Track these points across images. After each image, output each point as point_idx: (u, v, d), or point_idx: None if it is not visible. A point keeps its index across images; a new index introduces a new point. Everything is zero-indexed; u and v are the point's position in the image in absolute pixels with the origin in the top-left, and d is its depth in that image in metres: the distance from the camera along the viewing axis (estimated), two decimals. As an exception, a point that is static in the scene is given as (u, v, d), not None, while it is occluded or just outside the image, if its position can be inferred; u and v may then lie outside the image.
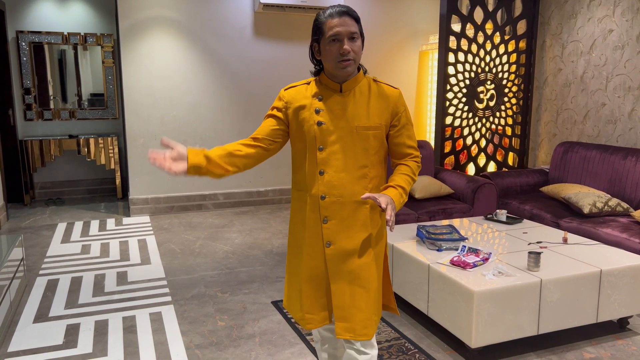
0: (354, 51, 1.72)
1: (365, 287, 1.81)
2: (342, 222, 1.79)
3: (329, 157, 1.76)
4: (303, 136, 1.79)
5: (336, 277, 1.81)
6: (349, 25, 1.69)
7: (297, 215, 1.88)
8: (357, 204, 1.79)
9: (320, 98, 1.78)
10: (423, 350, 2.70)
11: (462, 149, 5.28)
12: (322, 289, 1.85)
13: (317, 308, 1.86)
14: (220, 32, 5.65)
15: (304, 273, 1.85)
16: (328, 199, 1.78)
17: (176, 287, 3.60)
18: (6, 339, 2.85)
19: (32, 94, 6.14)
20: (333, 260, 1.81)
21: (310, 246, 1.83)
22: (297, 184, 1.87)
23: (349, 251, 1.80)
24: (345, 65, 1.71)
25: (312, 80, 1.84)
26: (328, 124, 1.76)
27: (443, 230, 3.19)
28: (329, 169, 1.77)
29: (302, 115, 1.78)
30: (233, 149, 1.77)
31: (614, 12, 4.50)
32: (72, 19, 6.22)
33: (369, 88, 1.81)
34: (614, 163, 4.10)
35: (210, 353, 2.69)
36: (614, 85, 4.54)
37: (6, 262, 3.06)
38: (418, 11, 6.42)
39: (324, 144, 1.76)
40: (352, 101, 1.78)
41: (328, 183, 1.77)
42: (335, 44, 1.70)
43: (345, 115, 1.76)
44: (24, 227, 5.14)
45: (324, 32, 1.71)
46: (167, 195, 5.69)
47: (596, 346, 2.75)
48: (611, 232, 3.47)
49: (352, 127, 1.76)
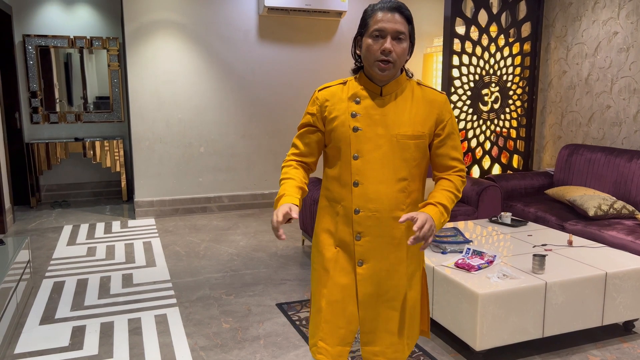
0: (397, 53, 1.53)
1: (399, 310, 1.66)
2: (376, 240, 1.62)
3: (364, 166, 1.59)
4: (337, 142, 1.62)
5: (367, 301, 1.65)
6: (397, 23, 1.52)
7: (325, 227, 1.69)
8: (394, 220, 1.61)
9: (358, 101, 1.60)
10: (427, 352, 2.70)
11: (466, 151, 5.28)
12: (344, 317, 1.66)
13: (334, 339, 1.66)
14: (225, 35, 5.67)
15: (329, 292, 1.66)
16: (362, 214, 1.60)
17: (181, 289, 3.62)
18: (13, 341, 2.87)
19: (38, 97, 6.18)
20: (364, 281, 1.64)
21: (339, 263, 1.65)
22: (328, 193, 1.69)
23: (383, 272, 1.64)
24: (383, 67, 1.54)
25: (349, 80, 1.66)
26: (365, 129, 1.58)
27: (447, 232, 3.19)
28: (364, 180, 1.59)
29: (337, 119, 1.61)
30: (301, 179, 1.64)
31: (619, 15, 4.50)
32: (78, 22, 6.26)
33: (412, 93, 1.63)
34: (619, 165, 4.09)
35: (215, 355, 2.70)
36: (619, 87, 4.53)
37: (13, 265, 3.08)
38: (422, 14, 6.43)
39: (359, 152, 1.59)
40: (392, 106, 1.60)
41: (363, 195, 1.60)
42: (378, 41, 1.53)
43: (385, 121, 1.58)
44: (30, 229, 5.17)
45: (369, 25, 1.55)
46: (172, 197, 5.71)
47: (601, 349, 2.74)
48: (616, 234, 3.46)
49: (392, 134, 1.58)
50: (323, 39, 6.04)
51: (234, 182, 5.95)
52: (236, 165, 5.93)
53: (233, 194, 5.95)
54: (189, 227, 5.23)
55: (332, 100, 1.63)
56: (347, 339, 1.67)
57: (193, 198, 5.78)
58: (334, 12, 5.75)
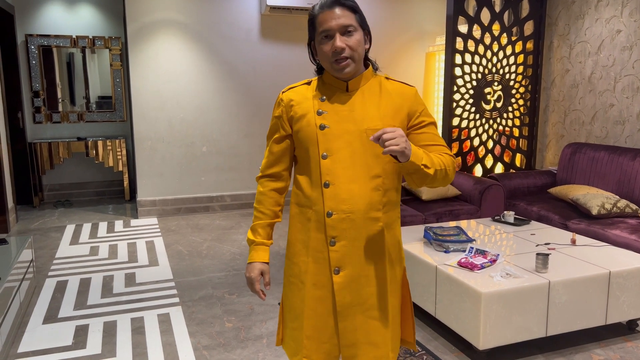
0: (351, 47, 1.45)
1: (381, 320, 1.57)
2: (352, 244, 1.52)
3: (334, 165, 1.50)
4: (304, 142, 1.53)
5: (346, 311, 1.55)
6: (341, 17, 1.43)
7: (298, 236, 1.59)
8: (369, 221, 1.52)
9: (323, 98, 1.53)
10: (430, 352, 2.69)
11: (469, 150, 5.27)
12: (327, 332, 1.57)
13: (319, 355, 1.58)
14: (227, 35, 5.67)
15: (307, 306, 1.56)
16: (336, 216, 1.50)
17: (184, 288, 3.62)
18: (16, 340, 2.87)
19: (41, 97, 6.19)
20: (342, 290, 1.53)
21: (314, 274, 1.55)
22: (298, 198, 1.60)
23: (362, 278, 1.54)
24: (341, 66, 1.46)
25: (314, 79, 1.59)
26: (333, 127, 1.50)
27: (450, 231, 3.18)
28: (335, 179, 1.50)
29: (303, 118, 1.53)
30: (273, 213, 1.63)
31: (622, 13, 4.48)
32: (80, 22, 6.26)
33: (379, 86, 1.55)
34: (623, 164, 4.08)
35: (218, 354, 2.70)
36: (622, 85, 4.51)
37: (16, 264, 3.08)
38: (424, 12, 6.42)
39: (328, 151, 1.50)
40: (360, 101, 1.52)
41: (335, 197, 1.50)
42: (328, 42, 1.46)
43: (353, 116, 1.50)
44: (33, 228, 5.18)
45: (316, 29, 1.48)
46: (175, 197, 5.71)
47: (605, 348, 2.73)
48: (620, 233, 3.45)
49: (362, 130, 1.49)
50: (325, 38, 6.03)
51: (236, 182, 5.95)
52: (238, 165, 5.94)
53: (235, 194, 5.95)
54: (191, 227, 5.24)
55: (296, 99, 1.56)
56: (332, 352, 1.58)
57: (195, 197, 5.79)
58: (336, 11, 5.73)
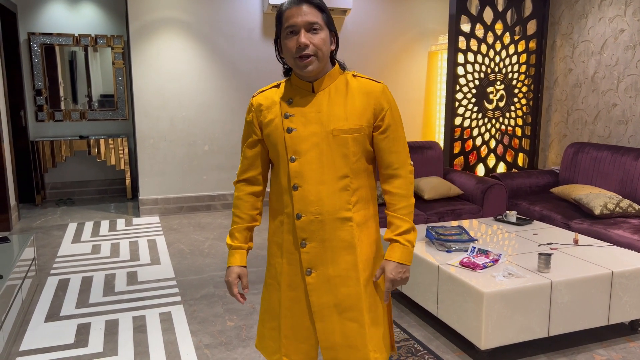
0: (315, 44, 1.45)
1: (358, 321, 1.55)
2: (322, 244, 1.53)
3: (302, 168, 1.51)
4: (274, 146, 1.55)
5: (322, 312, 1.55)
6: (307, 14, 1.45)
7: (273, 238, 1.63)
8: (339, 222, 1.52)
9: (290, 101, 1.54)
10: (432, 351, 2.69)
11: (471, 149, 5.26)
12: (303, 332, 1.58)
13: (298, 355, 1.60)
14: (229, 34, 5.67)
15: (283, 306, 1.58)
16: (305, 218, 1.52)
17: (185, 287, 3.62)
18: (18, 338, 2.88)
19: (43, 95, 6.19)
20: (316, 291, 1.54)
21: (288, 275, 1.58)
22: (272, 201, 1.63)
23: (336, 278, 1.54)
24: (304, 63, 1.46)
25: (282, 82, 1.61)
26: (300, 129, 1.51)
27: (452, 231, 3.18)
28: (303, 182, 1.51)
29: (272, 122, 1.55)
30: (249, 217, 1.66)
31: (625, 12, 4.47)
32: (82, 20, 6.27)
33: (346, 85, 1.55)
34: (626, 164, 4.07)
35: (220, 353, 2.70)
36: (626, 85, 4.50)
37: (18, 262, 3.09)
38: (427, 11, 6.41)
39: (296, 154, 1.51)
40: (326, 102, 1.52)
41: (303, 199, 1.51)
42: (292, 38, 1.47)
43: (320, 118, 1.51)
44: (35, 227, 5.19)
45: (282, 24, 1.49)
46: (177, 195, 5.72)
47: (607, 348, 2.73)
48: (623, 233, 3.44)
49: (328, 131, 1.50)
50: (327, 37, 6.03)
51: (238, 180, 5.95)
52: (240, 164, 5.93)
53: (237, 192, 5.94)
54: (193, 225, 5.24)
55: (265, 104, 1.58)
56: (310, 353, 1.60)
57: (197, 196, 5.79)
58: (338, 9, 5.73)
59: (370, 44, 6.24)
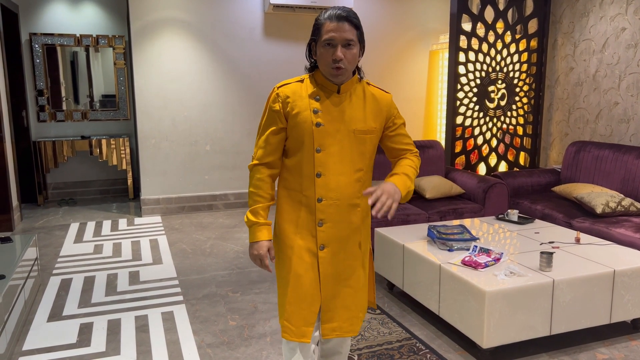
0: (347, 59, 1.67)
1: (353, 287, 1.84)
2: (336, 225, 1.78)
3: (326, 159, 1.74)
4: (300, 137, 1.73)
5: (327, 280, 1.80)
6: (346, 32, 1.64)
7: (286, 216, 1.82)
8: (351, 207, 1.79)
9: (318, 98, 1.73)
10: (434, 350, 2.69)
11: (472, 148, 5.26)
12: (307, 300, 1.79)
13: (298, 320, 1.79)
14: (231, 33, 5.67)
15: (292, 277, 1.79)
16: (325, 202, 1.76)
17: (188, 286, 3.63)
18: (21, 338, 2.88)
19: (45, 95, 6.20)
20: (325, 264, 1.79)
21: (300, 249, 1.79)
22: (287, 183, 1.82)
23: (341, 253, 1.80)
24: (336, 73, 1.68)
25: (306, 77, 1.79)
26: (326, 125, 1.73)
27: (454, 230, 3.18)
28: (326, 171, 1.74)
29: (300, 115, 1.72)
30: (270, 196, 1.81)
31: (627, 10, 4.46)
32: (84, 21, 6.28)
33: (363, 92, 1.79)
34: (627, 162, 4.07)
35: (222, 352, 2.71)
36: (627, 84, 4.50)
37: (20, 262, 3.10)
38: (428, 10, 6.41)
39: (322, 146, 1.73)
40: (348, 104, 1.75)
41: (326, 186, 1.75)
42: (329, 49, 1.66)
43: (343, 117, 1.74)
44: (37, 227, 5.20)
45: (321, 34, 1.67)
46: (178, 195, 5.72)
47: (609, 347, 2.73)
48: (624, 232, 3.44)
49: (350, 130, 1.74)
50: (328, 37, 6.03)
51: (240, 180, 5.96)
52: (242, 163, 5.94)
53: (239, 192, 5.95)
54: (195, 225, 5.25)
55: (293, 97, 1.74)
56: (309, 319, 1.80)
57: (199, 196, 5.80)
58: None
59: (372, 43, 6.24)
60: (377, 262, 3.49)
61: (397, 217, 3.91)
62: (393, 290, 3.50)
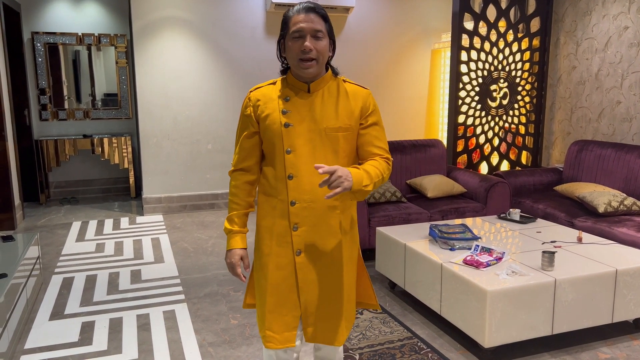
0: (318, 50, 1.63)
1: (336, 294, 1.77)
2: (312, 229, 1.72)
3: (297, 160, 1.68)
4: (271, 138, 1.70)
5: (307, 287, 1.75)
6: (314, 23, 1.61)
7: (263, 222, 1.78)
8: (328, 209, 1.72)
9: (287, 99, 1.70)
10: (436, 349, 2.69)
11: (474, 147, 5.25)
12: (288, 305, 1.76)
13: (281, 326, 1.76)
14: (232, 32, 5.67)
15: (270, 285, 1.75)
16: (298, 205, 1.70)
17: (189, 285, 3.63)
18: (23, 336, 2.89)
19: (47, 94, 6.21)
20: (304, 269, 1.73)
21: (278, 256, 1.74)
22: (265, 188, 1.78)
23: (320, 258, 1.74)
24: (306, 65, 1.63)
25: (279, 80, 1.76)
26: (296, 125, 1.68)
27: (456, 229, 3.18)
28: (298, 172, 1.68)
29: (269, 117, 1.70)
30: (246, 203, 1.79)
31: (630, 9, 4.45)
32: (86, 19, 6.28)
33: (337, 88, 1.73)
34: (630, 162, 4.06)
35: (224, 351, 2.71)
36: (630, 82, 4.48)
37: (22, 261, 3.10)
38: (430, 9, 6.40)
39: (292, 147, 1.68)
40: (320, 102, 1.70)
41: (298, 188, 1.69)
42: (298, 41, 1.62)
43: (313, 116, 1.68)
44: (39, 225, 5.21)
45: (289, 26, 1.64)
46: (180, 194, 5.73)
47: (611, 347, 2.72)
48: (627, 231, 3.43)
49: (321, 128, 1.68)
50: (330, 35, 6.02)
51: (242, 179, 5.95)
52: (244, 162, 5.93)
53: (240, 191, 5.95)
54: (196, 224, 5.25)
55: (263, 99, 1.72)
56: (291, 324, 1.76)
57: (201, 195, 5.80)
58: (341, 7, 5.73)
59: (373, 42, 6.23)
60: (378, 261, 3.49)
61: (398, 216, 3.90)
62: (395, 290, 3.49)
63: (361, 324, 2.97)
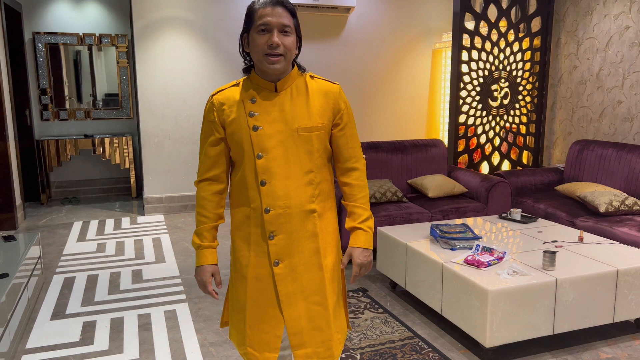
0: (285, 46, 1.53)
1: (322, 304, 1.64)
2: (290, 236, 1.60)
3: (269, 164, 1.57)
4: (239, 144, 1.59)
5: (289, 300, 1.62)
6: (282, 17, 1.51)
7: (238, 233, 1.67)
8: (305, 214, 1.60)
9: (254, 100, 1.58)
10: (437, 349, 2.69)
11: (475, 147, 5.25)
12: (268, 322, 1.63)
13: (261, 345, 1.64)
14: (234, 32, 5.67)
15: (249, 298, 1.63)
16: (273, 212, 1.58)
17: (190, 285, 3.63)
18: (24, 336, 2.89)
19: (48, 94, 6.22)
20: (283, 281, 1.61)
21: (255, 267, 1.62)
22: (235, 197, 1.66)
23: (300, 267, 1.62)
24: (272, 60, 1.52)
25: (242, 80, 1.64)
26: (265, 127, 1.57)
27: (457, 229, 3.17)
28: (271, 178, 1.57)
29: (236, 121, 1.58)
30: (216, 216, 1.69)
31: (631, 9, 4.44)
32: (87, 19, 6.28)
33: (305, 85, 1.63)
34: (631, 161, 4.05)
35: (225, 351, 2.71)
36: (631, 82, 4.48)
37: (24, 260, 3.10)
38: (431, 9, 6.40)
39: (262, 151, 1.57)
40: (289, 101, 1.59)
41: (272, 194, 1.57)
42: (264, 35, 1.52)
43: (284, 117, 1.58)
44: (40, 225, 5.22)
45: (254, 20, 1.53)
46: (181, 194, 5.73)
47: (613, 346, 2.72)
48: (628, 231, 3.43)
49: (293, 129, 1.57)
50: (331, 35, 6.03)
51: (243, 179, 5.95)
52: (244, 162, 5.94)
53: (241, 191, 5.95)
54: (197, 224, 5.25)
55: (228, 103, 1.61)
56: (273, 344, 1.64)
57: (202, 194, 5.79)
58: (342, 7, 5.73)
59: (374, 42, 6.23)
60: (379, 261, 3.49)
61: (399, 216, 3.90)
62: (395, 289, 3.50)
63: (362, 323, 2.97)
